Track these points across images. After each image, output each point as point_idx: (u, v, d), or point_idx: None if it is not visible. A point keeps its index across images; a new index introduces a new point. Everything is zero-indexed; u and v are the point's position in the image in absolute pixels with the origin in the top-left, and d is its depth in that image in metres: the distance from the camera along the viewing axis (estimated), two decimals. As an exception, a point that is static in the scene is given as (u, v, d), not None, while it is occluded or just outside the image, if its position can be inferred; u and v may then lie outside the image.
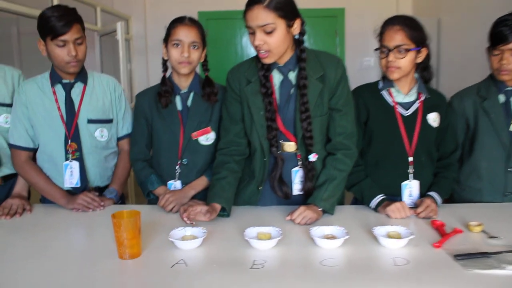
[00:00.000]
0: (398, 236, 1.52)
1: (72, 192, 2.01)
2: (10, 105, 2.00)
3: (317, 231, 1.57)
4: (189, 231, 1.59)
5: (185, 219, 1.70)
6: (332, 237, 1.53)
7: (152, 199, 2.07)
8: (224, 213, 1.80)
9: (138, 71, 5.51)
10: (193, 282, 1.29)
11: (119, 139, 2.16)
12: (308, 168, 1.83)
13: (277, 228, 1.58)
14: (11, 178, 2.06)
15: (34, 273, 1.38)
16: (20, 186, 2.04)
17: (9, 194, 2.04)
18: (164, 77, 2.02)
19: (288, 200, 1.90)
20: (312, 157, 1.82)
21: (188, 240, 1.51)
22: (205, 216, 1.73)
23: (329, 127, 1.86)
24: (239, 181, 1.95)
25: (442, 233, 1.57)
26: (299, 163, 1.86)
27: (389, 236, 1.52)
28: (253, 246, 1.50)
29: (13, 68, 2.09)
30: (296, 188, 1.89)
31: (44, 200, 2.08)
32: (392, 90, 1.94)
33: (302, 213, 1.72)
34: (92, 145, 2.03)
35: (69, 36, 1.84)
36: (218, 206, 1.77)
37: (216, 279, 1.30)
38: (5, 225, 1.82)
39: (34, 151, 2.04)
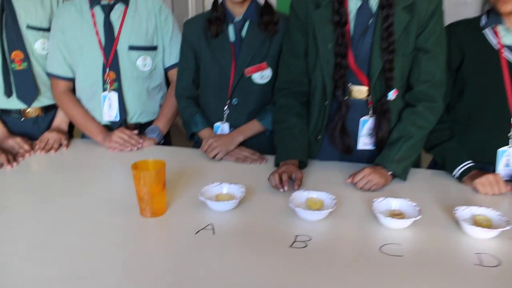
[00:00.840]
0: (488, 224, 1.17)
1: (112, 128, 1.83)
2: (47, 30, 1.81)
3: (382, 204, 1.26)
4: (225, 188, 1.34)
5: (285, 188, 1.36)
6: (400, 215, 1.22)
7: (197, 142, 1.84)
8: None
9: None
10: (215, 257, 1.05)
11: (167, 69, 1.92)
12: (384, 109, 1.49)
13: (331, 195, 1.29)
14: (52, 109, 1.91)
15: (49, 217, 1.23)
16: (60, 119, 1.89)
17: (51, 124, 1.91)
18: (215, 2, 1.71)
19: (353, 157, 1.60)
20: (392, 95, 1.48)
21: (222, 200, 1.27)
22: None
23: (412, 72, 1.49)
24: None
25: (549, 223, 1.20)
26: (370, 112, 1.52)
27: (476, 222, 1.18)
28: (299, 216, 1.23)
29: (53, -11, 1.87)
30: (363, 142, 1.57)
31: (85, 135, 1.92)
32: (499, 28, 1.49)
33: (367, 176, 1.41)
34: (133, 75, 1.81)
35: None
36: (294, 160, 1.51)
37: (244, 258, 1.05)
38: (40, 160, 1.69)
39: (73, 81, 1.86)
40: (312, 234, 1.15)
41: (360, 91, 1.51)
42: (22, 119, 1.85)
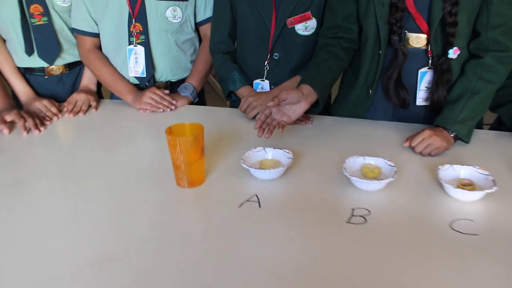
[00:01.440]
0: None
1: (141, 87, 1.71)
2: None
3: (448, 172, 1.11)
4: (270, 153, 1.21)
5: (259, 131, 1.24)
6: (470, 185, 1.07)
7: (235, 101, 1.70)
8: (316, 108, 1.35)
9: None
10: (262, 234, 0.93)
11: (200, 23, 1.76)
12: (443, 68, 1.32)
13: (389, 161, 1.14)
14: (76, 66, 1.79)
15: (76, 188, 1.12)
16: (87, 78, 1.77)
17: (77, 82, 1.80)
18: None
19: (408, 115, 1.45)
20: (453, 53, 1.29)
21: (267, 168, 1.14)
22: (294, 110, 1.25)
23: (480, 16, 1.28)
24: (342, 80, 1.51)
25: None
26: (430, 61, 1.34)
27: None
28: (354, 186, 1.09)
29: None
30: (421, 97, 1.40)
31: (114, 95, 1.80)
32: None
33: (427, 139, 1.25)
34: (162, 27, 1.66)
35: None
36: (310, 92, 1.29)
37: (296, 236, 0.93)
38: (68, 123, 1.58)
39: (99, 37, 1.71)
40: (371, 207, 1.01)
41: (418, 39, 1.33)
42: (46, 77, 1.74)
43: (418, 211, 1.01)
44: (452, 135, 1.29)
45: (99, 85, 1.82)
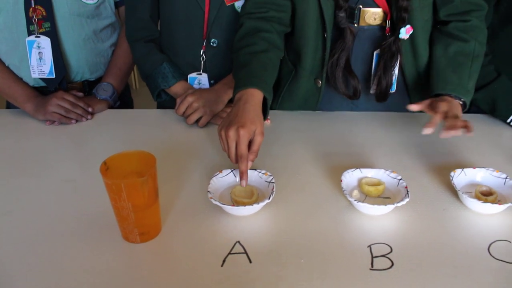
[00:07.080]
0: None
1: (46, 92, 1.31)
2: None
3: (460, 178, 0.91)
4: (239, 176, 0.93)
5: (243, 181, 0.88)
6: (491, 194, 0.88)
7: (165, 101, 1.38)
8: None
9: None
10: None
11: (121, 2, 1.41)
12: (392, 51, 1.12)
13: (392, 172, 0.91)
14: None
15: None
16: None
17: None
18: None
19: (368, 106, 1.27)
20: (405, 32, 1.10)
21: (241, 199, 0.85)
22: None
23: None
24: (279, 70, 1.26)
25: None
26: (386, 42, 1.13)
27: None
28: (359, 210, 0.85)
29: None
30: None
31: (10, 104, 1.38)
32: None
33: (451, 111, 0.97)
34: (73, 11, 1.28)
35: None
36: (259, 95, 0.99)
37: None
38: None
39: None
40: (389, 241, 0.78)
41: (376, 15, 1.12)
42: None
43: (448, 236, 0.80)
44: (461, 103, 1.05)
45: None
